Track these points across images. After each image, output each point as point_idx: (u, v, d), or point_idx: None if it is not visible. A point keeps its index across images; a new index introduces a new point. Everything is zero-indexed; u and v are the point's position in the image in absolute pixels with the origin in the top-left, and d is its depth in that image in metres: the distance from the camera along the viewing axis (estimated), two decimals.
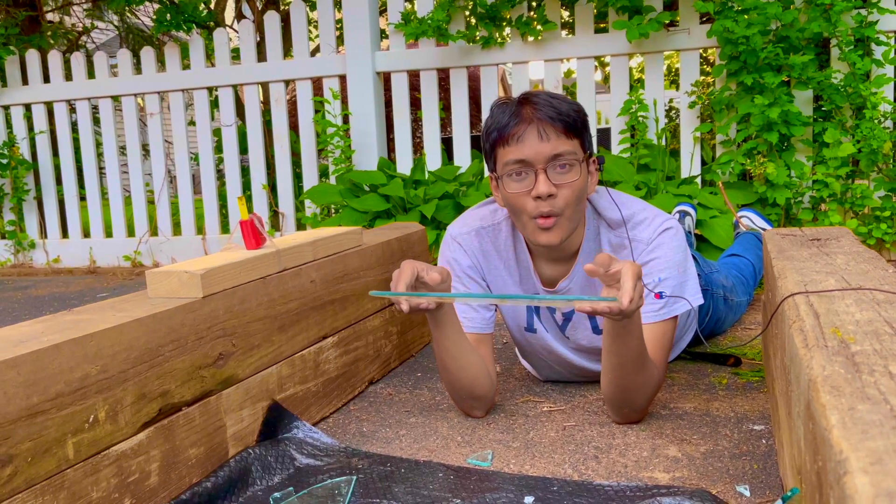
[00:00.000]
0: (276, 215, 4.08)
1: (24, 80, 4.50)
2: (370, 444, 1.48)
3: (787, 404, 1.02)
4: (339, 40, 4.11)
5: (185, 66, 4.20)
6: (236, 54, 4.23)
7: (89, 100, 4.38)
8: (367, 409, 1.70)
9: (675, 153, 3.44)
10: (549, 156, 1.40)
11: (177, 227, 4.48)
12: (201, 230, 4.28)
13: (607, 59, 4.38)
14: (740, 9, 2.98)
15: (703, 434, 1.43)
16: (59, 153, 4.48)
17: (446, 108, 3.80)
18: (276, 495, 1.23)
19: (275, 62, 3.94)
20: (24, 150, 4.50)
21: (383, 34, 4.30)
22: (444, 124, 6.55)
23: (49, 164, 4.53)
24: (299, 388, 1.57)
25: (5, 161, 4.40)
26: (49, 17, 7.12)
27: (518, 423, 1.54)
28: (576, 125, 1.42)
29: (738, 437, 1.41)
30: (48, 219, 4.59)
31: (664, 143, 3.32)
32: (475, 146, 3.74)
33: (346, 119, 3.83)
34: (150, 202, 4.38)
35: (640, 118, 3.30)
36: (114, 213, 4.43)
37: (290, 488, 1.26)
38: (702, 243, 2.79)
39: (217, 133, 4.32)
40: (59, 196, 4.57)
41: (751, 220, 2.76)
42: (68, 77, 4.45)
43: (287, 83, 4.00)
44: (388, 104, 3.88)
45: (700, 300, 1.54)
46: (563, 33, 4.40)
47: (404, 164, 3.78)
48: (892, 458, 0.55)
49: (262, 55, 4.10)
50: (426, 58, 3.66)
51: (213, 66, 4.16)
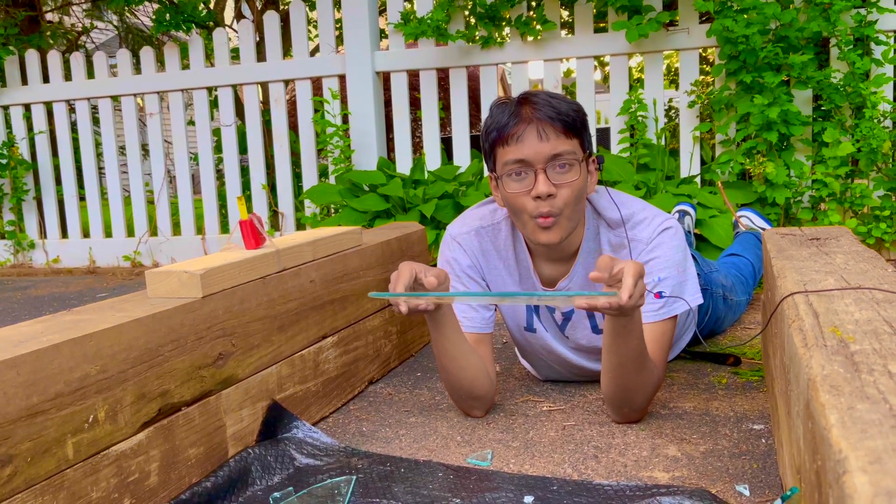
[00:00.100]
0: (275, 215, 4.08)
1: (24, 80, 4.50)
2: (370, 444, 1.48)
3: (787, 404, 1.02)
4: (339, 40, 4.11)
5: (185, 66, 4.20)
6: (236, 54, 4.22)
7: (89, 100, 4.38)
8: (367, 408, 1.70)
9: (675, 153, 3.44)
10: (549, 155, 1.40)
11: (176, 227, 4.48)
12: (201, 230, 4.28)
13: (607, 59, 4.39)
14: (739, 8, 2.98)
15: (702, 433, 1.43)
16: (58, 153, 4.48)
17: (446, 107, 3.80)
18: (276, 495, 1.23)
19: (274, 62, 3.94)
20: (23, 150, 4.50)
21: (383, 34, 4.30)
22: (444, 124, 6.56)
23: (48, 164, 4.53)
24: (299, 388, 1.57)
25: (5, 161, 4.40)
26: (48, 17, 7.12)
27: (518, 423, 1.54)
28: (575, 125, 1.42)
29: (738, 436, 1.41)
30: (48, 219, 4.59)
31: (664, 142, 3.32)
32: (475, 146, 3.73)
33: (345, 119, 3.83)
34: (150, 202, 4.38)
35: (640, 118, 3.30)
36: (113, 213, 4.43)
37: (290, 488, 1.26)
38: (701, 243, 2.79)
39: (216, 133, 4.31)
40: (59, 196, 4.57)
41: (750, 219, 2.76)
42: (68, 77, 4.45)
43: (286, 83, 3.99)
44: (388, 104, 3.88)
45: (699, 300, 1.54)
46: (563, 33, 4.40)
47: (404, 164, 3.78)
48: (891, 457, 0.55)
49: (261, 55, 4.10)
50: (426, 57, 3.66)
51: (212, 66, 4.16)
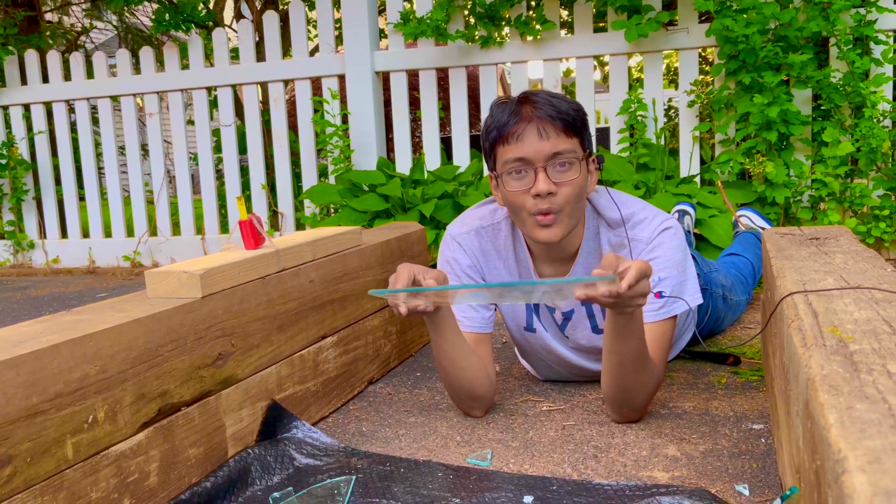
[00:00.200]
0: (275, 215, 4.08)
1: (23, 81, 4.50)
2: (369, 444, 1.48)
3: (786, 403, 1.02)
4: (338, 40, 4.11)
5: (184, 66, 4.20)
6: (235, 54, 4.22)
7: (88, 100, 4.38)
8: (367, 408, 1.70)
9: (674, 152, 3.44)
10: (549, 154, 1.40)
11: (176, 227, 4.48)
12: (200, 230, 4.28)
13: (606, 59, 4.38)
14: (739, 8, 2.98)
15: (702, 433, 1.43)
16: (58, 153, 4.48)
17: (445, 107, 3.80)
18: (276, 495, 1.23)
19: (274, 62, 3.94)
20: (23, 150, 4.50)
21: (382, 34, 4.30)
22: (444, 124, 6.56)
23: (48, 165, 4.53)
24: (298, 388, 1.57)
25: (4, 161, 4.40)
26: (48, 17, 7.12)
27: (517, 423, 1.54)
28: (575, 124, 1.42)
29: (738, 436, 1.41)
30: (47, 219, 4.58)
31: (663, 142, 3.32)
32: (474, 146, 3.73)
33: (345, 119, 3.83)
34: (150, 202, 4.38)
35: (639, 117, 3.30)
36: (113, 214, 4.43)
37: (290, 488, 1.26)
38: (701, 242, 2.79)
39: (216, 133, 4.31)
40: (59, 196, 4.57)
41: (750, 219, 2.76)
42: (67, 77, 4.45)
43: (286, 83, 3.99)
44: (387, 104, 3.88)
45: (699, 299, 1.54)
46: (562, 33, 4.40)
47: (403, 164, 3.78)
48: (890, 456, 0.55)
49: (260, 55, 4.10)
50: (425, 57, 3.66)
51: (211, 65, 4.16)
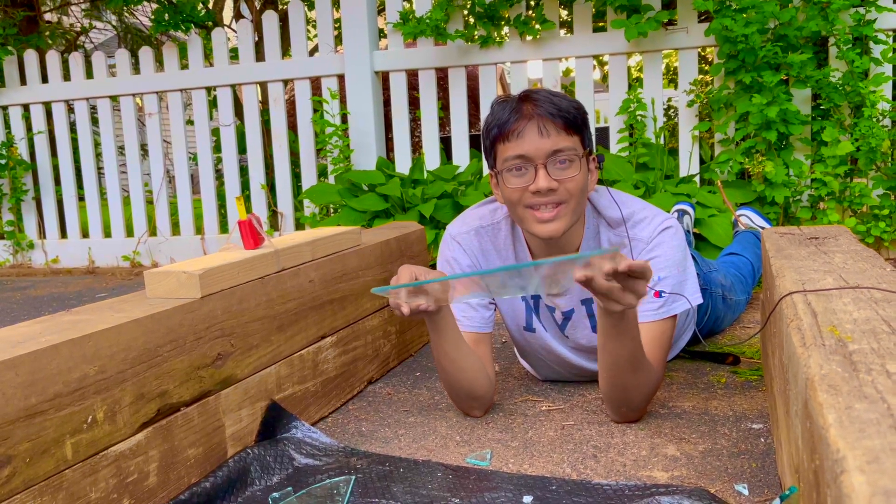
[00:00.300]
0: (274, 215, 4.08)
1: (23, 81, 4.50)
2: (369, 444, 1.48)
3: (786, 403, 1.02)
4: (338, 40, 4.11)
5: (184, 66, 4.20)
6: (235, 54, 4.22)
7: (87, 100, 4.38)
8: (366, 408, 1.70)
9: (674, 152, 3.44)
10: (549, 151, 1.40)
11: (175, 227, 4.48)
12: (200, 230, 4.28)
13: (606, 58, 4.38)
14: (738, 7, 2.98)
15: (701, 433, 1.43)
16: (57, 153, 4.48)
17: (445, 107, 3.80)
18: (275, 495, 1.23)
19: (273, 62, 3.94)
20: (22, 150, 4.50)
21: (382, 33, 4.30)
22: (443, 124, 6.56)
23: (47, 165, 4.53)
24: (298, 388, 1.57)
25: (4, 161, 4.40)
26: (47, 17, 7.12)
27: (517, 423, 1.54)
28: (576, 122, 1.42)
29: (737, 435, 1.41)
30: (47, 219, 4.58)
31: (663, 141, 3.32)
32: (474, 145, 3.74)
33: (344, 119, 3.83)
34: (149, 202, 4.38)
35: (639, 117, 3.30)
36: (112, 214, 4.42)
37: (289, 488, 1.26)
38: (700, 242, 2.79)
39: (216, 133, 4.31)
40: (58, 196, 4.57)
41: (749, 218, 2.76)
42: (66, 77, 4.45)
43: (285, 83, 3.99)
44: (387, 103, 3.88)
45: (699, 299, 1.54)
46: (562, 32, 4.40)
47: (403, 164, 3.77)
48: (889, 456, 0.55)
49: (260, 55, 4.10)
50: (425, 57, 3.66)
51: (211, 65, 4.16)
